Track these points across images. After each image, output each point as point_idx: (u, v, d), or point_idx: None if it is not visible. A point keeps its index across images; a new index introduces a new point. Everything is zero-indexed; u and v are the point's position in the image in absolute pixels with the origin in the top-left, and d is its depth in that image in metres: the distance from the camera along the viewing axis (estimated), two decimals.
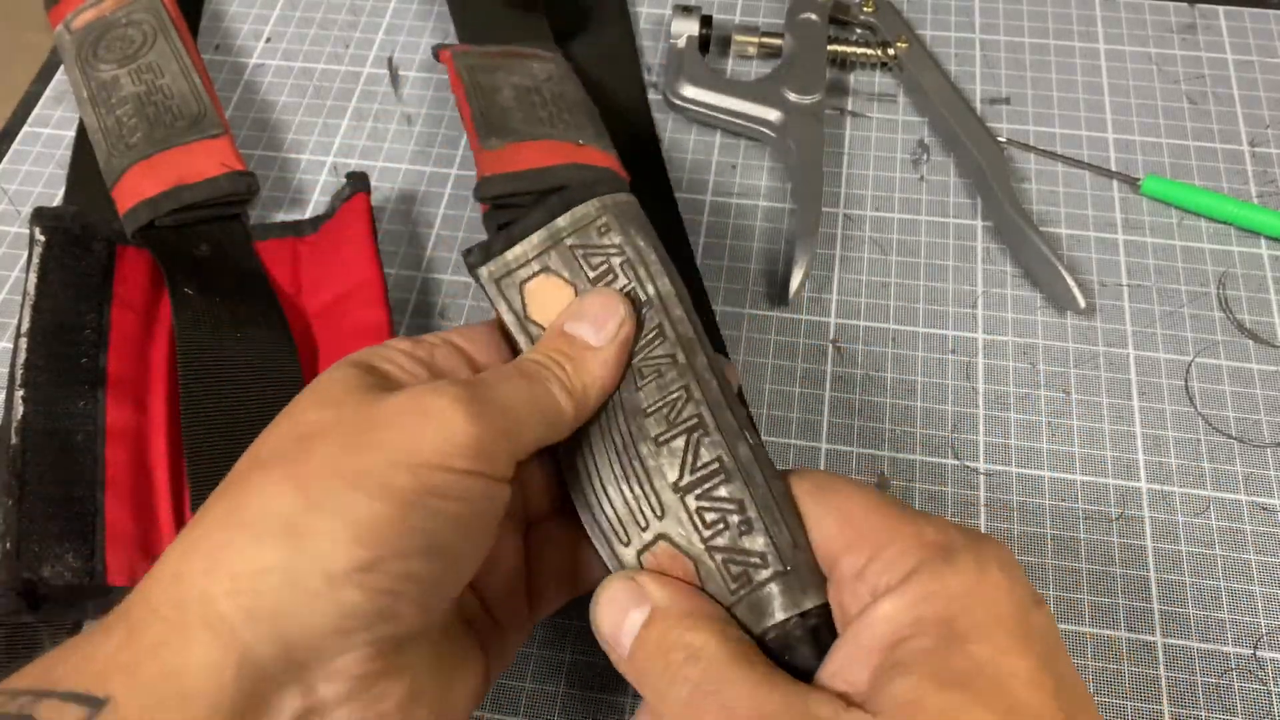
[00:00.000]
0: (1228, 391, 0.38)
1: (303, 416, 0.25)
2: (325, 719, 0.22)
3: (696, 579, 0.25)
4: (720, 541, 0.25)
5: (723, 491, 0.26)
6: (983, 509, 0.36)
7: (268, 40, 0.50)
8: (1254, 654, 0.33)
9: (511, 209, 0.37)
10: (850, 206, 0.43)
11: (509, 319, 0.29)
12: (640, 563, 0.26)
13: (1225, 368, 0.39)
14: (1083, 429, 0.37)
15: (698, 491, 0.26)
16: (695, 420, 0.27)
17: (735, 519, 0.25)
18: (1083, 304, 0.39)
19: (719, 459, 0.26)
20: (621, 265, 0.29)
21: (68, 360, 0.35)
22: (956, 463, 0.37)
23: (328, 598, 0.22)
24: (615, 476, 0.27)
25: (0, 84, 0.53)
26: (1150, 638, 0.33)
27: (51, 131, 0.47)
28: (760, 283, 0.41)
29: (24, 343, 0.35)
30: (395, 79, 0.48)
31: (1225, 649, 0.33)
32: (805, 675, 0.24)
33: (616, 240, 0.29)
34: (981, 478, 0.36)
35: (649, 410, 0.27)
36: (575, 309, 0.28)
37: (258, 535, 0.22)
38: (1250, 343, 0.39)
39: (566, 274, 0.29)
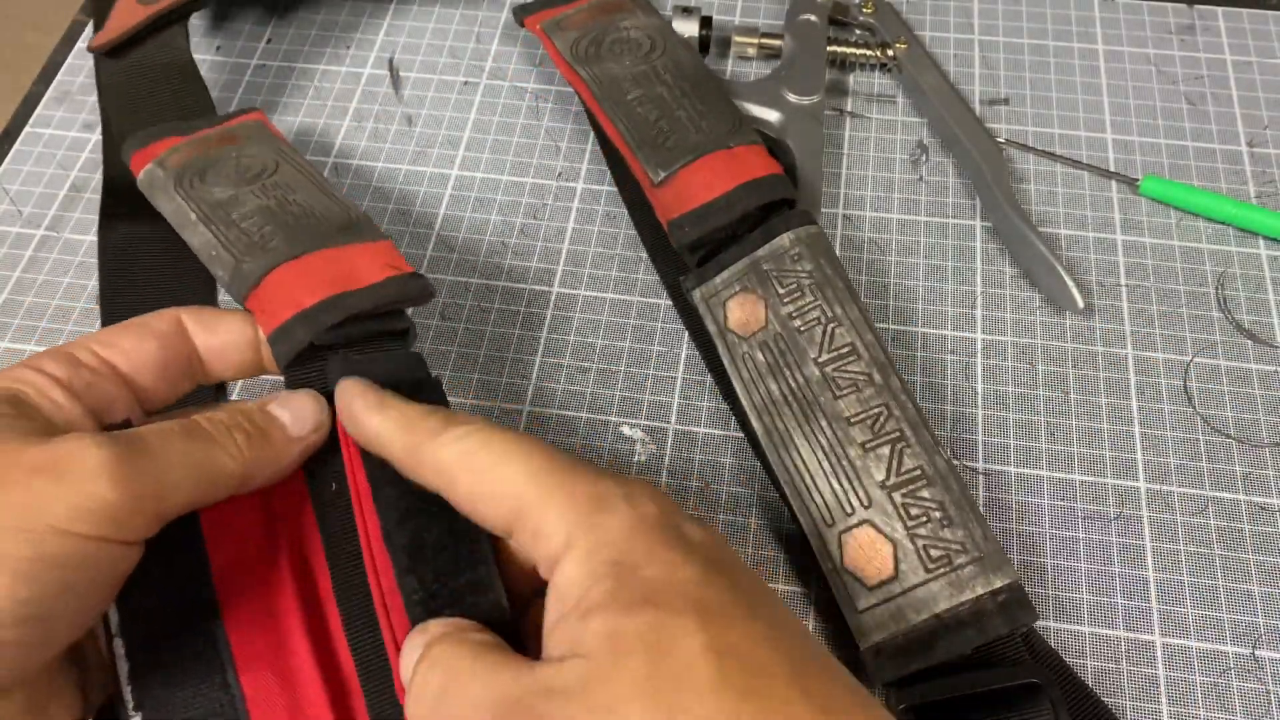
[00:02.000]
0: (1226, 391, 0.38)
1: None
2: None
3: (892, 558, 0.31)
4: (923, 531, 0.31)
5: (925, 494, 0.31)
6: (982, 509, 0.36)
7: (268, 41, 0.50)
8: (1252, 654, 0.33)
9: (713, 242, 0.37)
10: (850, 207, 0.43)
11: (712, 329, 0.35)
12: (841, 540, 0.31)
13: (1224, 368, 0.39)
14: (1081, 429, 0.37)
15: (903, 491, 0.31)
16: (898, 434, 0.32)
17: (937, 514, 0.31)
18: (1081, 304, 0.39)
19: (920, 467, 0.31)
20: (810, 287, 0.34)
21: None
22: (955, 462, 0.37)
23: None
24: (825, 472, 0.32)
25: (2, 85, 0.53)
26: (1149, 637, 0.33)
27: (53, 132, 0.47)
28: None
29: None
30: (396, 79, 0.48)
31: (1224, 648, 0.33)
32: (996, 642, 0.30)
33: (808, 267, 0.35)
34: (980, 477, 0.36)
35: (853, 420, 0.32)
36: (284, 398, 0.29)
37: None
38: (1249, 343, 0.39)
39: (761, 291, 0.35)
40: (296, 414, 0.28)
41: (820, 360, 0.33)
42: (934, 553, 0.30)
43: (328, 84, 0.48)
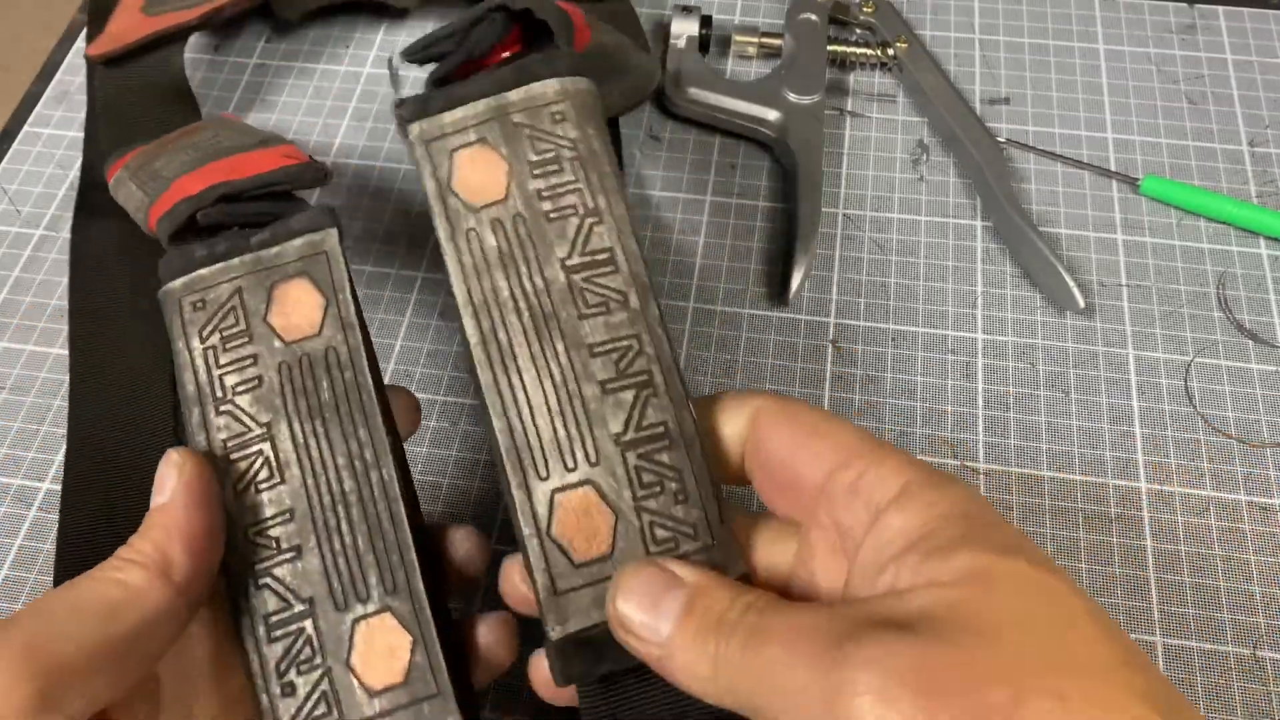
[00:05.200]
0: (1227, 391, 0.38)
1: None
2: None
3: (611, 532, 0.25)
4: (652, 505, 0.25)
5: (665, 458, 0.25)
6: None
7: (267, 40, 0.50)
8: (1253, 654, 0.33)
9: (451, 54, 0.31)
10: (850, 206, 0.43)
11: (429, 185, 0.27)
12: (554, 501, 0.25)
13: (1225, 368, 0.39)
14: (1082, 429, 0.37)
15: (640, 450, 0.25)
16: (646, 378, 0.26)
17: (673, 486, 0.25)
18: (1082, 304, 0.39)
19: (665, 424, 0.26)
20: (572, 162, 0.27)
21: None
22: (956, 463, 0.37)
23: None
24: (549, 408, 0.26)
25: (0, 84, 0.53)
26: (1150, 638, 0.33)
27: (52, 132, 0.47)
28: (760, 283, 0.41)
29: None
30: (395, 79, 0.48)
31: (1225, 649, 0.33)
32: None
33: (572, 134, 0.27)
34: (981, 478, 0.36)
35: (595, 349, 0.26)
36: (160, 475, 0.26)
37: None
38: (1250, 343, 0.39)
39: (504, 150, 0.27)
40: (158, 486, 0.26)
41: (569, 263, 0.26)
42: (660, 533, 0.25)
43: (327, 84, 0.48)
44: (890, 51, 0.47)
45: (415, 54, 0.31)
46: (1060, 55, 0.48)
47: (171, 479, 0.26)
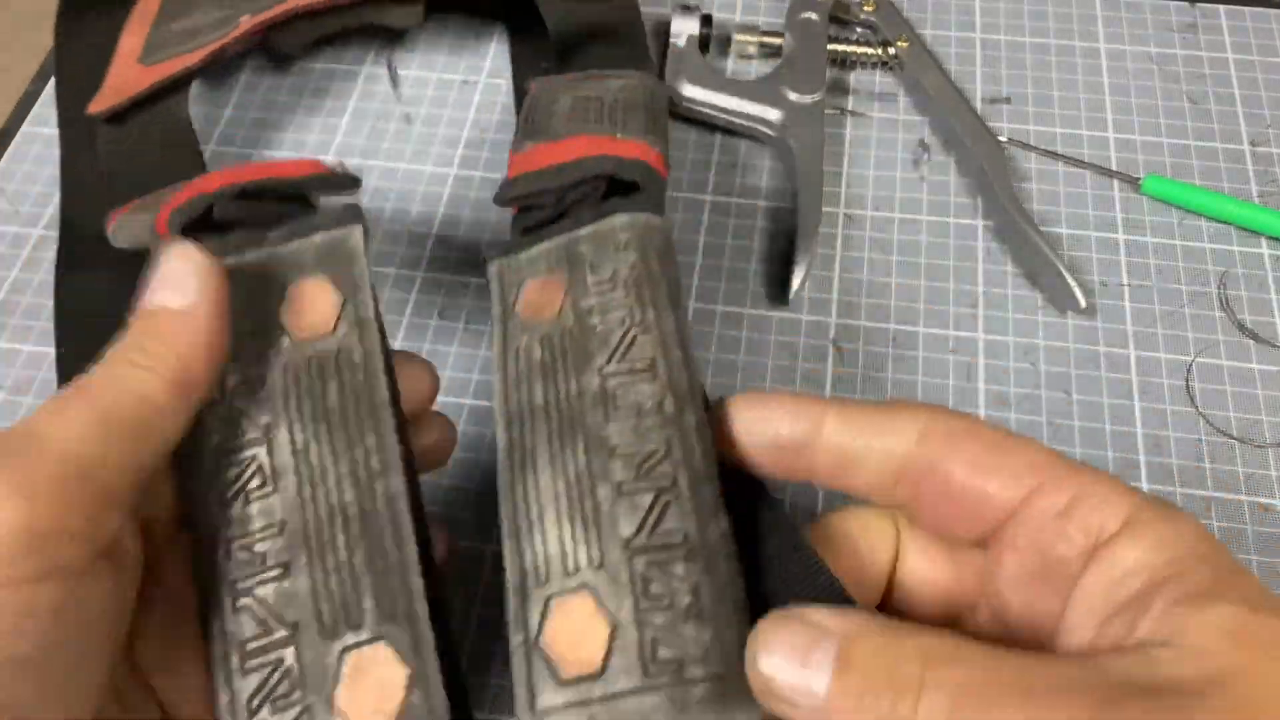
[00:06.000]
0: (1229, 391, 0.38)
1: None
2: None
3: (605, 647, 0.22)
4: (658, 619, 0.22)
5: (679, 569, 0.23)
6: None
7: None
8: None
9: (540, 209, 0.32)
10: (850, 206, 0.43)
11: (496, 309, 0.27)
12: (547, 607, 0.23)
13: (1226, 368, 0.39)
14: (1083, 429, 0.37)
15: (649, 557, 0.23)
16: (669, 482, 0.24)
17: (685, 600, 0.22)
18: (1083, 304, 0.39)
19: (685, 533, 0.23)
20: (627, 281, 0.26)
21: None
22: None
23: None
24: (559, 510, 0.24)
25: None
26: None
27: (51, 131, 0.46)
28: (760, 283, 0.41)
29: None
30: (395, 79, 0.48)
31: None
32: None
33: (631, 258, 0.27)
34: None
35: (617, 450, 0.24)
36: (153, 280, 0.24)
37: None
38: (1251, 343, 0.39)
39: (566, 274, 0.27)
40: (172, 283, 0.23)
41: (605, 370, 0.25)
42: (663, 653, 0.22)
43: (327, 83, 0.48)
44: (891, 51, 0.47)
45: (506, 200, 0.32)
46: (1061, 54, 0.48)
47: (193, 281, 0.23)
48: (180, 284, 0.23)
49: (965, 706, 0.18)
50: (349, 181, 0.29)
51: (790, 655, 0.20)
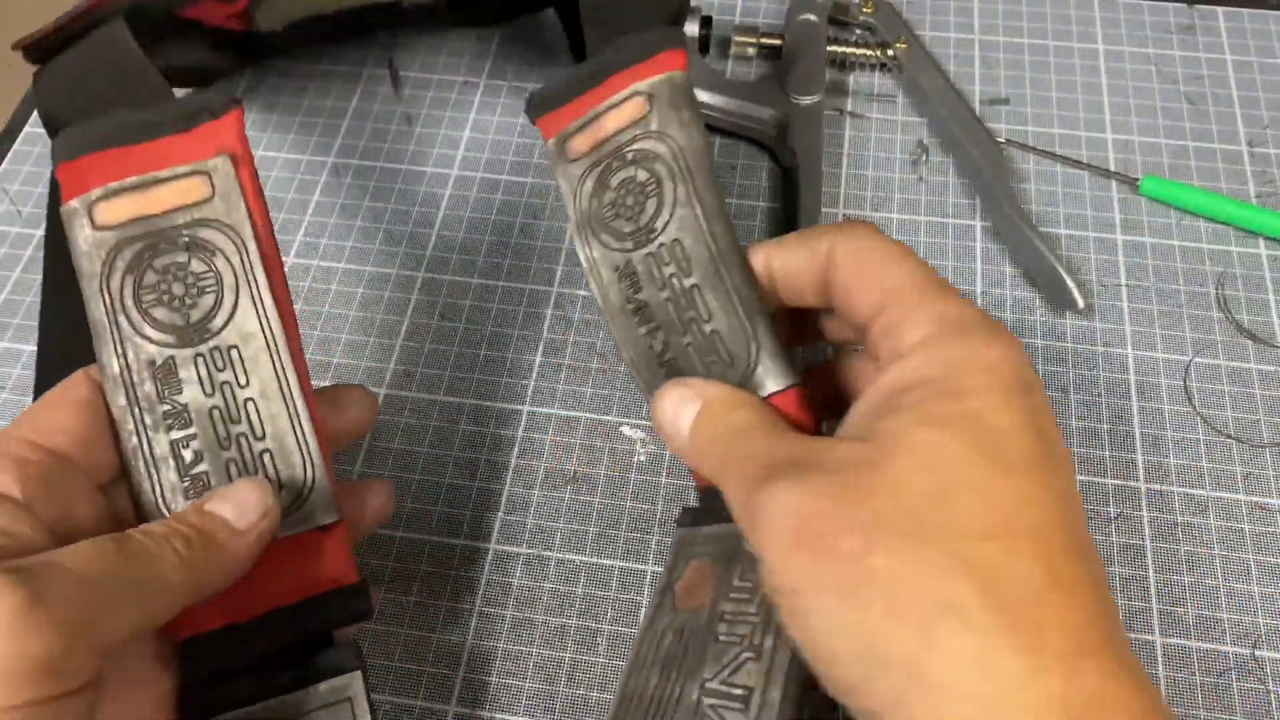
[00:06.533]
0: (1226, 391, 0.38)
1: None
2: None
3: None
4: None
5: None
6: None
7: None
8: (1252, 654, 0.33)
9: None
10: (850, 207, 0.43)
11: (663, 580, 0.29)
12: None
13: (1224, 368, 0.39)
14: (1081, 429, 0.37)
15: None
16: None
17: None
18: (1081, 304, 0.39)
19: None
20: (759, 599, 0.26)
21: None
22: None
23: None
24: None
25: (1, 84, 0.53)
26: (1149, 637, 0.33)
27: None
28: None
29: None
30: (396, 79, 0.48)
31: (1224, 649, 0.33)
32: None
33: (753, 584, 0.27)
34: None
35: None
36: (224, 491, 0.26)
37: None
38: (1249, 343, 0.39)
39: (721, 570, 0.28)
40: (240, 506, 0.25)
41: (707, 685, 0.26)
42: None
43: (328, 84, 0.48)
44: (890, 52, 0.47)
45: None
46: (1060, 56, 0.48)
47: (257, 512, 0.26)
48: (245, 509, 0.25)
49: (726, 458, 0.25)
50: (360, 614, 0.28)
51: (675, 408, 0.28)
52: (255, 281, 0.27)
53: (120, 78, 0.30)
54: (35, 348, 0.40)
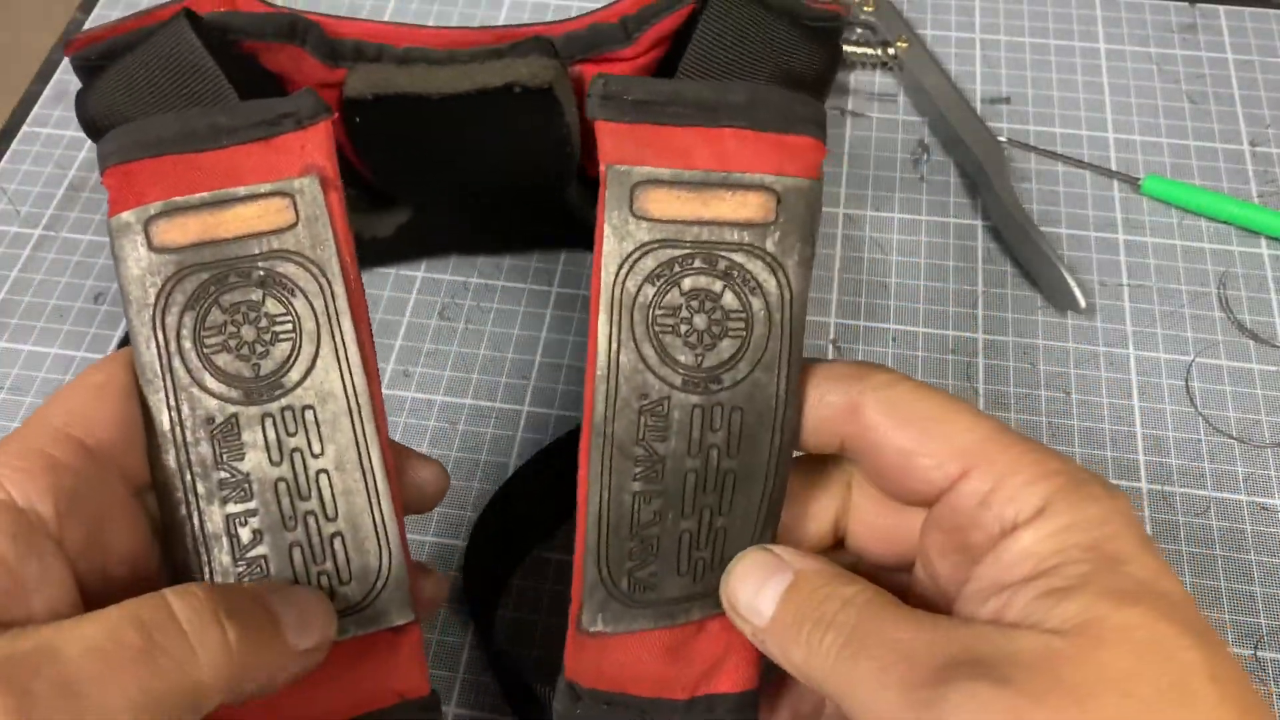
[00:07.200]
0: (1228, 391, 0.38)
1: None
2: None
3: None
4: None
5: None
6: None
7: None
8: (1254, 654, 0.33)
9: None
10: (851, 206, 0.43)
11: None
12: None
13: (1226, 368, 0.39)
14: (1083, 429, 0.37)
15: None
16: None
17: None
18: (1083, 304, 0.39)
19: None
20: None
21: None
22: None
23: None
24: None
25: (0, 84, 0.53)
26: None
27: (51, 131, 0.47)
28: None
29: None
30: None
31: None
32: None
33: None
34: None
35: None
36: (288, 592, 0.22)
37: None
38: (1251, 343, 0.39)
39: None
40: (302, 617, 0.22)
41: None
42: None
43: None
44: (891, 51, 0.47)
45: None
46: (1061, 55, 0.48)
47: (318, 635, 0.23)
48: (305, 626, 0.22)
49: (844, 653, 0.21)
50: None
51: (751, 581, 0.23)
52: (340, 330, 0.23)
53: (181, 79, 0.27)
54: (34, 346, 0.40)
